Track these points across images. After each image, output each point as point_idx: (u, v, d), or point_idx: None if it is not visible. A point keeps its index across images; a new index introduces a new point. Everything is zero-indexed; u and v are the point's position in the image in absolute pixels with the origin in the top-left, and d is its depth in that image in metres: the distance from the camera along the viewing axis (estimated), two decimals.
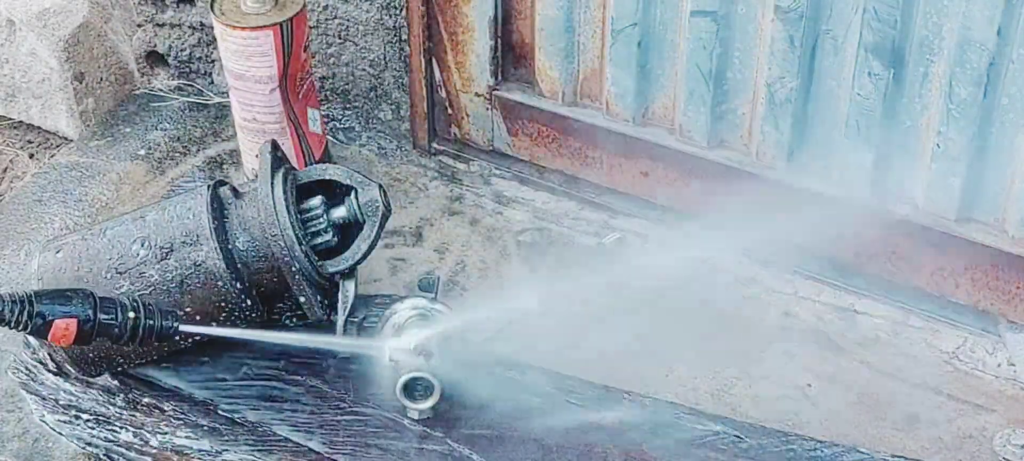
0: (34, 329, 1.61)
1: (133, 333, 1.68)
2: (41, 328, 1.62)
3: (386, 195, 1.93)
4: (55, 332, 1.62)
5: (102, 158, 2.51)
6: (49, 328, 1.62)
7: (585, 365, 2.02)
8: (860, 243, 2.11)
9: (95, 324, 1.64)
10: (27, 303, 1.60)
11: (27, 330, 1.61)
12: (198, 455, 1.86)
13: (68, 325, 1.63)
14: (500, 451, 1.85)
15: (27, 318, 1.60)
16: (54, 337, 1.63)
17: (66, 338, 1.63)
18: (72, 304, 1.64)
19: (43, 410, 1.95)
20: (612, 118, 2.26)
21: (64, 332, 1.63)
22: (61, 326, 1.62)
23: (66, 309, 1.63)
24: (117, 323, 1.67)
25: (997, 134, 1.93)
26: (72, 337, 1.63)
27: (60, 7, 2.58)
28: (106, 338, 1.67)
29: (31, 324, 1.60)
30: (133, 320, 1.68)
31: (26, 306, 1.60)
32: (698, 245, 2.23)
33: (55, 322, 1.62)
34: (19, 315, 1.59)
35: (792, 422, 1.92)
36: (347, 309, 1.91)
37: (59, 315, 1.62)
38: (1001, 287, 2.02)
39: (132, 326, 1.68)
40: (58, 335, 1.62)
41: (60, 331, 1.62)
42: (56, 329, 1.62)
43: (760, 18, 2.03)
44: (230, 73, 2.25)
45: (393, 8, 2.38)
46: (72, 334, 1.63)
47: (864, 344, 2.06)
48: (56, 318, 1.62)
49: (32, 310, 1.60)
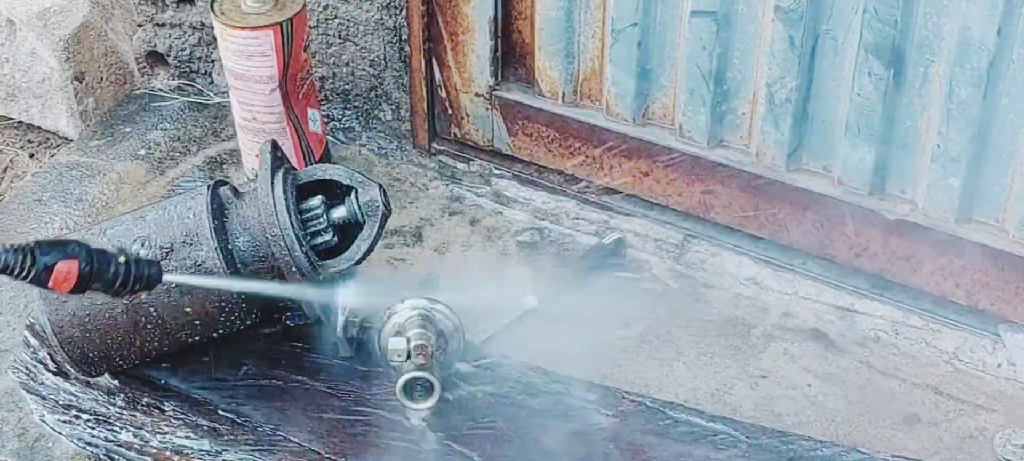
0: (37, 275, 1.61)
1: (125, 278, 1.68)
2: (43, 273, 1.61)
3: (386, 195, 1.93)
4: (57, 276, 1.62)
5: (102, 158, 2.51)
6: (51, 273, 1.62)
7: (585, 365, 2.02)
8: (860, 243, 2.11)
9: (93, 267, 1.65)
10: (29, 251, 1.60)
11: (29, 277, 1.61)
12: (198, 455, 1.86)
13: (69, 268, 1.63)
14: (500, 451, 1.85)
15: (31, 264, 1.60)
16: (56, 281, 1.62)
17: (67, 282, 1.63)
18: (69, 249, 1.65)
19: (43, 410, 1.95)
20: (612, 118, 2.26)
21: (66, 275, 1.62)
22: (63, 269, 1.62)
23: (65, 254, 1.64)
24: (110, 266, 1.67)
25: (997, 134, 1.93)
26: (73, 281, 1.63)
27: (60, 7, 2.58)
28: (100, 285, 1.67)
29: (34, 270, 1.60)
30: (124, 265, 1.68)
31: (28, 254, 1.60)
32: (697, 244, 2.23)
33: (57, 265, 1.62)
34: (23, 263, 1.59)
35: (792, 422, 1.92)
36: (347, 309, 1.90)
37: (60, 259, 1.63)
38: (1001, 287, 2.02)
39: (124, 270, 1.68)
40: (60, 279, 1.62)
41: (62, 275, 1.62)
42: (57, 273, 1.62)
43: (760, 18, 2.03)
44: (230, 73, 2.25)
45: (393, 8, 2.38)
46: (74, 277, 1.63)
47: (864, 344, 2.06)
48: (58, 261, 1.62)
49: (35, 256, 1.61)
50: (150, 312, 1.85)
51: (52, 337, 1.86)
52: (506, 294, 2.07)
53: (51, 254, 1.62)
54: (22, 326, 2.08)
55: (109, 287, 1.68)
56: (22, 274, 1.60)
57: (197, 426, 1.90)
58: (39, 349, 2.02)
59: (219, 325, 1.90)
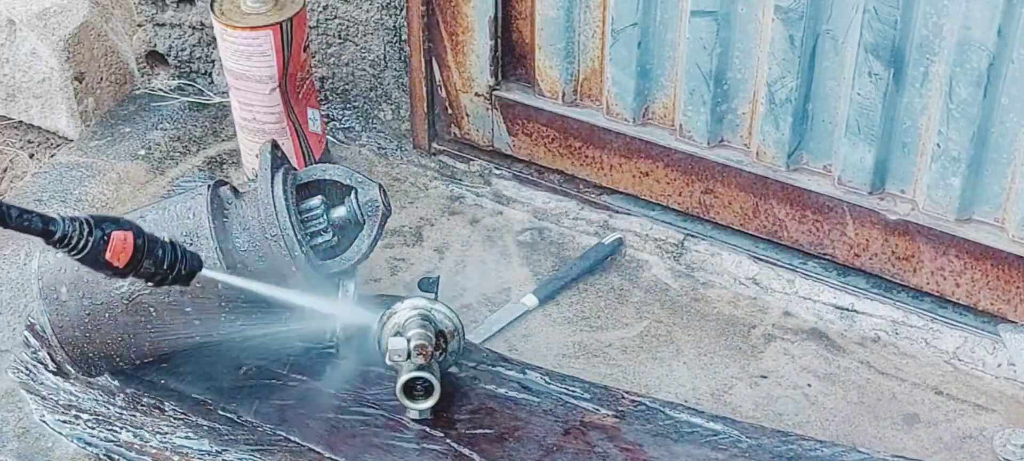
0: (94, 245, 1.56)
1: (173, 261, 1.65)
2: (100, 243, 1.56)
3: (386, 195, 1.93)
4: (114, 245, 1.57)
5: (102, 158, 2.51)
6: (108, 242, 1.57)
7: (585, 365, 2.02)
8: (860, 243, 2.11)
9: (145, 242, 1.61)
10: (85, 222, 1.56)
11: (86, 248, 1.56)
12: (198, 455, 1.86)
13: (126, 237, 1.58)
14: (500, 451, 1.85)
15: (88, 233, 1.55)
16: (113, 251, 1.57)
17: (125, 252, 1.58)
18: (123, 222, 1.62)
19: (43, 410, 1.95)
20: (612, 118, 2.26)
21: (123, 244, 1.58)
22: (119, 238, 1.58)
23: (120, 225, 1.60)
24: (159, 245, 1.64)
25: (997, 134, 1.93)
26: (130, 251, 1.59)
27: (60, 7, 2.58)
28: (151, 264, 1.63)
29: (91, 240, 1.55)
30: (171, 246, 1.65)
31: (85, 223, 1.56)
32: (697, 244, 2.24)
33: (114, 234, 1.58)
34: (81, 231, 1.54)
35: (792, 422, 1.93)
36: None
37: (116, 228, 1.59)
38: (1001, 287, 2.02)
39: (172, 253, 1.65)
40: (117, 248, 1.57)
41: (119, 243, 1.58)
42: (115, 242, 1.57)
43: (760, 18, 2.03)
44: (230, 73, 2.25)
45: (393, 8, 2.38)
46: (130, 247, 1.59)
47: (864, 344, 2.06)
48: (114, 230, 1.59)
49: (91, 225, 1.56)
50: (150, 312, 1.85)
51: (52, 337, 1.86)
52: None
53: (107, 224, 1.59)
54: (22, 326, 2.08)
55: (158, 267, 1.64)
56: (79, 243, 1.55)
57: (197, 426, 1.90)
58: (39, 349, 2.02)
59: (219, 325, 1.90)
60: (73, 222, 1.54)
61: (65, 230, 1.53)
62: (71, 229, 1.54)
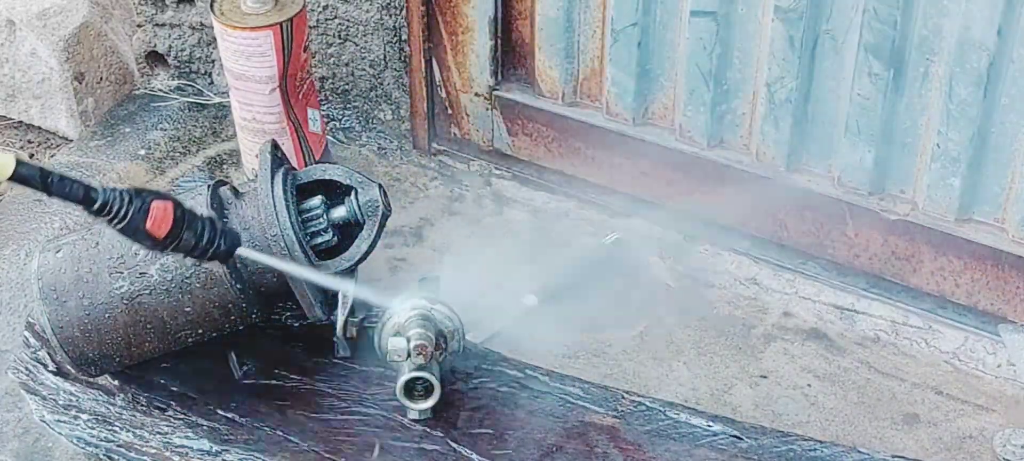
0: (135, 215, 1.55)
1: (211, 235, 1.64)
2: (141, 213, 1.55)
3: (386, 195, 1.93)
4: (155, 213, 1.55)
5: (102, 158, 2.51)
6: (148, 212, 1.56)
7: (585, 365, 2.02)
8: (860, 243, 2.11)
9: (185, 213, 1.59)
10: (125, 191, 1.54)
11: (127, 217, 1.54)
12: (198, 455, 1.86)
13: (166, 207, 1.57)
14: (500, 451, 1.85)
15: (129, 201, 1.54)
16: (154, 220, 1.55)
17: (165, 222, 1.56)
18: (160, 193, 1.60)
19: (43, 410, 1.95)
20: (612, 118, 2.26)
21: (163, 213, 1.57)
22: (160, 207, 1.56)
23: (160, 195, 1.58)
24: (198, 219, 1.63)
25: (997, 134, 1.93)
26: (169, 221, 1.57)
27: (60, 7, 2.58)
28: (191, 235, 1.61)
29: (131, 210, 1.54)
30: (210, 221, 1.64)
31: (125, 194, 1.54)
32: (697, 245, 2.24)
33: (154, 203, 1.57)
34: (123, 199, 1.53)
35: (792, 422, 1.93)
36: (347, 309, 1.90)
37: (156, 198, 1.57)
38: (1001, 287, 2.02)
39: (210, 227, 1.63)
40: (158, 217, 1.55)
41: (159, 212, 1.56)
42: (155, 210, 1.56)
43: (760, 18, 2.03)
44: (230, 73, 2.25)
45: (393, 8, 2.38)
46: (170, 217, 1.57)
47: (864, 344, 2.06)
48: (155, 199, 1.57)
49: (131, 195, 1.55)
50: (150, 312, 1.85)
51: (52, 337, 1.86)
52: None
53: (146, 194, 1.56)
54: (22, 326, 2.08)
55: (198, 239, 1.62)
56: (120, 211, 1.53)
57: (197, 426, 1.90)
58: (39, 349, 2.02)
59: (218, 325, 1.90)
60: (114, 191, 1.53)
61: (106, 198, 1.52)
62: (112, 198, 1.53)
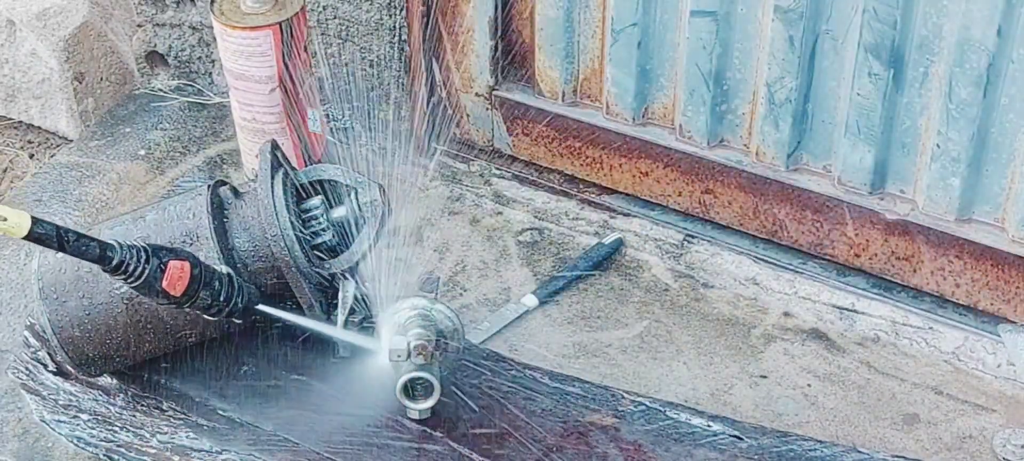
0: (151, 273, 1.54)
1: (228, 293, 1.63)
2: (157, 271, 1.54)
3: (386, 195, 1.93)
4: (171, 273, 1.54)
5: (102, 158, 2.51)
6: (165, 270, 1.55)
7: (585, 365, 2.02)
8: (860, 243, 2.11)
9: (202, 272, 1.59)
10: (143, 249, 1.54)
11: (143, 275, 1.53)
12: (198, 455, 1.86)
13: (183, 266, 1.56)
14: (500, 451, 1.85)
15: (145, 260, 1.53)
16: (170, 279, 1.54)
17: (181, 282, 1.55)
18: (180, 252, 1.59)
19: (43, 410, 1.95)
20: (612, 118, 2.26)
21: (180, 273, 1.56)
22: (176, 266, 1.55)
23: (177, 254, 1.57)
24: (215, 277, 1.62)
25: (997, 134, 1.93)
26: (186, 280, 1.56)
27: (60, 7, 2.58)
28: (207, 295, 1.60)
29: (148, 269, 1.54)
30: (227, 278, 1.63)
31: (143, 251, 1.54)
32: (697, 244, 2.24)
33: (171, 263, 1.56)
34: (139, 258, 1.52)
35: (792, 422, 1.93)
36: (347, 309, 1.90)
37: (173, 257, 1.56)
38: (1001, 287, 2.02)
39: (228, 284, 1.63)
40: (174, 277, 1.55)
41: (176, 272, 1.55)
42: (172, 270, 1.55)
43: (760, 18, 2.03)
44: (230, 73, 2.25)
45: (393, 8, 2.37)
46: (186, 276, 1.56)
47: (864, 344, 2.06)
48: (172, 259, 1.56)
49: (148, 254, 1.54)
50: (150, 312, 1.85)
51: (52, 337, 1.86)
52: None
53: (164, 252, 1.56)
54: (22, 326, 2.08)
55: (215, 298, 1.62)
56: (136, 270, 1.53)
57: (197, 426, 1.90)
58: (39, 349, 2.02)
59: (218, 325, 1.90)
60: (131, 249, 1.53)
61: (122, 257, 1.52)
62: (128, 256, 1.53)
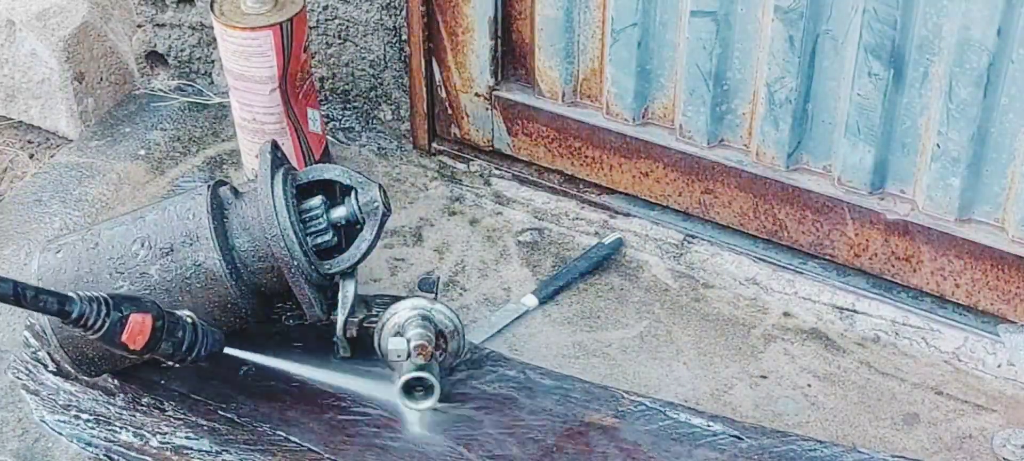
0: (111, 326, 1.55)
1: (192, 341, 1.65)
2: (117, 325, 1.55)
3: (386, 195, 1.93)
4: (132, 328, 1.55)
5: (102, 158, 2.51)
6: (126, 324, 1.56)
7: (585, 365, 2.02)
8: (860, 243, 2.11)
9: (165, 323, 1.60)
10: (103, 301, 1.54)
11: (103, 328, 1.54)
12: (198, 455, 1.86)
13: (144, 320, 1.57)
14: (500, 451, 1.85)
15: (106, 314, 1.54)
16: (130, 334, 1.54)
17: (142, 335, 1.56)
18: (143, 302, 1.59)
19: (43, 410, 1.95)
20: (612, 118, 2.26)
21: (140, 327, 1.56)
22: (137, 320, 1.56)
23: (139, 306, 1.58)
24: (179, 326, 1.63)
25: (997, 134, 1.93)
26: (147, 334, 1.57)
27: (60, 7, 2.58)
28: (169, 345, 1.62)
29: (108, 321, 1.54)
30: (192, 326, 1.64)
31: (103, 303, 1.54)
32: (697, 244, 2.24)
33: (132, 316, 1.57)
34: (98, 312, 1.53)
35: (792, 422, 1.93)
36: (347, 309, 1.91)
37: (134, 310, 1.57)
38: (1001, 287, 2.02)
39: (192, 333, 1.64)
40: (135, 331, 1.55)
41: (136, 326, 1.56)
42: (132, 325, 1.55)
43: (760, 18, 2.03)
44: (230, 73, 2.25)
45: (393, 8, 2.38)
46: (148, 331, 1.57)
47: (864, 344, 2.06)
48: (132, 312, 1.56)
49: (109, 305, 1.55)
50: None
51: (52, 337, 1.86)
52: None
53: (126, 304, 1.56)
54: (22, 326, 2.08)
55: (177, 348, 1.63)
56: (96, 323, 1.54)
57: (197, 426, 1.90)
58: (39, 349, 2.02)
59: (218, 325, 1.90)
60: (91, 302, 1.53)
61: (81, 310, 1.52)
62: (88, 310, 1.53)
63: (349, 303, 1.91)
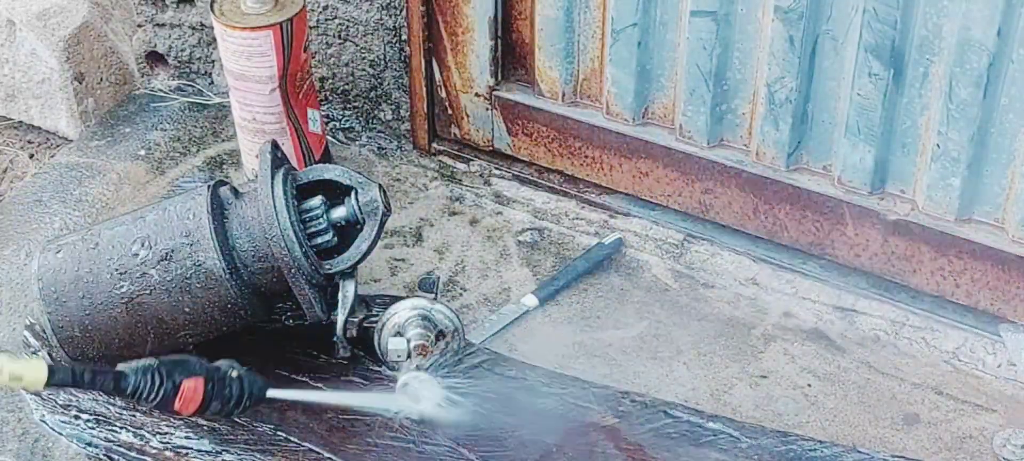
0: (165, 396, 1.56)
1: (239, 396, 1.65)
2: (171, 393, 1.57)
3: (386, 195, 1.93)
4: (185, 395, 1.57)
5: (102, 158, 2.51)
6: (178, 392, 1.57)
7: (585, 365, 2.02)
8: (860, 243, 2.11)
9: (214, 385, 1.61)
10: (155, 371, 1.55)
11: (156, 400, 1.55)
12: (198, 455, 1.86)
13: (196, 386, 1.59)
14: (500, 451, 1.85)
15: (160, 384, 1.55)
16: (183, 403, 1.57)
17: (194, 403, 1.58)
18: (192, 366, 1.60)
19: (43, 410, 1.95)
20: (612, 118, 2.26)
21: (193, 395, 1.58)
22: (190, 387, 1.58)
23: (190, 370, 1.59)
24: (226, 382, 1.63)
25: (997, 134, 1.93)
26: (198, 401, 1.59)
27: (60, 7, 2.58)
28: (218, 404, 1.63)
29: (160, 392, 1.56)
30: (238, 380, 1.65)
31: (156, 373, 1.55)
32: (697, 244, 2.24)
33: (184, 384, 1.58)
34: (152, 383, 1.54)
35: (792, 422, 1.93)
36: (347, 309, 1.91)
37: (186, 376, 1.58)
38: (1001, 287, 2.02)
39: (239, 388, 1.65)
40: (187, 398, 1.57)
41: (189, 393, 1.58)
42: (185, 392, 1.57)
43: (760, 18, 2.03)
44: (230, 73, 2.25)
45: (393, 8, 2.38)
46: (199, 397, 1.59)
47: (864, 344, 2.06)
48: (184, 380, 1.57)
49: (163, 376, 1.55)
50: (150, 312, 1.85)
51: (52, 337, 1.86)
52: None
53: (177, 372, 1.57)
54: (22, 326, 2.08)
55: (225, 404, 1.64)
56: (150, 396, 1.55)
57: (197, 426, 1.90)
58: (39, 349, 2.02)
59: (218, 325, 1.90)
60: (145, 374, 1.55)
61: (136, 384, 1.54)
62: (142, 383, 1.55)
63: (349, 303, 1.91)
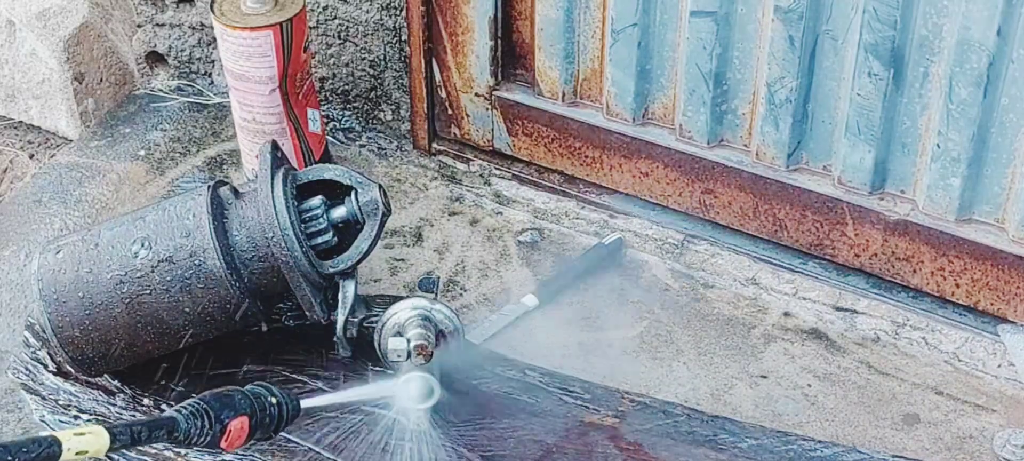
0: (212, 439, 1.56)
1: (278, 420, 1.65)
2: (218, 434, 1.56)
3: (386, 195, 1.93)
4: (231, 436, 1.57)
5: (102, 158, 2.51)
6: (226, 431, 1.57)
7: (585, 365, 2.02)
8: (860, 243, 2.11)
9: (257, 417, 1.61)
10: (204, 414, 1.54)
11: (205, 442, 1.55)
12: (198, 455, 1.86)
13: (242, 425, 1.59)
14: (500, 451, 1.85)
15: (208, 429, 1.54)
16: (230, 442, 1.57)
17: (239, 440, 1.57)
18: (237, 402, 1.59)
19: (43, 410, 1.95)
20: (612, 118, 2.26)
21: (239, 434, 1.58)
22: (236, 426, 1.57)
23: (235, 408, 1.58)
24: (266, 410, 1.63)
25: (997, 134, 1.93)
26: (243, 438, 1.59)
27: (60, 7, 2.58)
28: (260, 433, 1.63)
29: (210, 435, 1.55)
30: (276, 406, 1.64)
31: (204, 416, 1.54)
32: (697, 244, 2.24)
33: (231, 425, 1.57)
34: (201, 428, 1.54)
35: (792, 422, 1.93)
36: (347, 309, 1.91)
37: (233, 417, 1.57)
38: (1001, 287, 2.02)
39: (277, 413, 1.64)
40: (234, 437, 1.57)
41: (235, 433, 1.57)
42: (232, 433, 1.57)
43: (760, 18, 2.03)
44: (230, 73, 2.25)
45: (393, 8, 2.38)
46: (244, 434, 1.59)
47: (864, 344, 2.06)
48: (231, 420, 1.57)
49: (211, 419, 1.55)
50: (150, 312, 1.85)
51: (52, 337, 1.86)
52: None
53: (224, 412, 1.57)
54: (22, 326, 2.08)
55: (265, 432, 1.65)
56: (201, 440, 1.54)
57: None
58: (39, 349, 2.02)
59: (218, 325, 1.90)
60: (194, 419, 1.54)
61: (187, 429, 1.53)
62: (192, 428, 1.54)
63: (349, 303, 1.91)
